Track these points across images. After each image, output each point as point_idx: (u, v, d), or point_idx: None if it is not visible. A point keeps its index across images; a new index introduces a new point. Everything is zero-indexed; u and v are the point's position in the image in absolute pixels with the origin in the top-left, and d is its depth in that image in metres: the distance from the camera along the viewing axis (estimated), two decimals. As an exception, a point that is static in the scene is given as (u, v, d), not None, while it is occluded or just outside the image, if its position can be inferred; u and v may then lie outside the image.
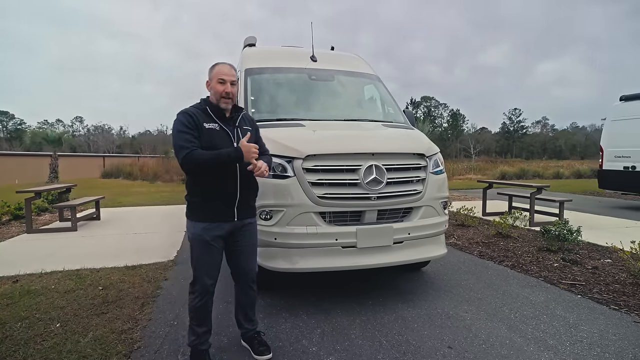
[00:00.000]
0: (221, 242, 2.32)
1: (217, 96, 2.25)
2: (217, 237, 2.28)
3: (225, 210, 2.28)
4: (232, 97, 2.28)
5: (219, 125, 2.27)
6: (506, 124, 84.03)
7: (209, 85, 2.31)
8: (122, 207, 9.74)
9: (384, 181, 3.06)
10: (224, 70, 2.28)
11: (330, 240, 3.04)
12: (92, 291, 3.62)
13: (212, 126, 2.24)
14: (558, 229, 4.79)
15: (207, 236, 2.25)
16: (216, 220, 2.27)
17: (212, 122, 2.26)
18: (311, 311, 3.18)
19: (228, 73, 2.27)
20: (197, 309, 2.32)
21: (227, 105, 2.28)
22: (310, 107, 4.14)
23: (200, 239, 2.26)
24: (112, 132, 75.39)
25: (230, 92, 2.25)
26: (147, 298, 3.48)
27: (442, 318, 3.02)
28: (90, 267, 4.35)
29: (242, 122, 2.41)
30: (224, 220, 2.29)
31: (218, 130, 2.26)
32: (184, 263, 4.60)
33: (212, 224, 2.26)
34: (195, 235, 2.28)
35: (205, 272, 2.29)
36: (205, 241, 2.25)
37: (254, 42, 5.06)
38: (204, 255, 2.28)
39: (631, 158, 8.78)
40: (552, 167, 23.80)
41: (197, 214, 2.29)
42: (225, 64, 2.33)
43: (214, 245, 2.28)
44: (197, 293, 2.30)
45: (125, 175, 22.31)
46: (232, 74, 2.29)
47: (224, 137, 2.27)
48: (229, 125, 2.31)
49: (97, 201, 7.72)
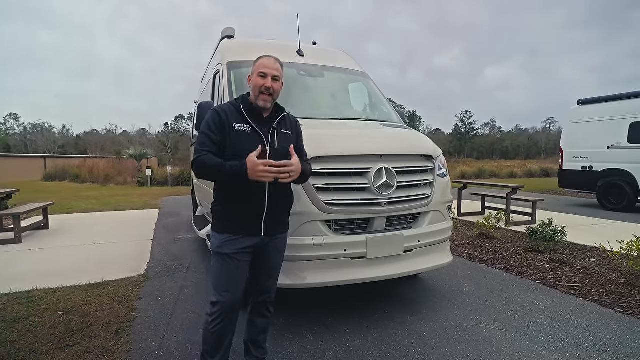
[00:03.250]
0: (246, 256, 2.01)
1: (255, 92, 1.99)
2: (241, 251, 1.97)
3: (250, 224, 1.98)
4: (274, 94, 2.01)
5: (251, 126, 1.96)
6: (458, 126, 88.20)
7: (250, 80, 2.04)
8: (73, 213, 8.78)
9: (394, 185, 2.82)
10: (267, 62, 2.01)
11: (338, 251, 2.75)
12: (51, 318, 3.05)
13: (243, 127, 1.95)
14: (544, 230, 4.83)
15: (227, 249, 1.96)
16: (240, 234, 1.97)
17: (243, 122, 1.96)
18: (316, 330, 2.86)
19: (271, 66, 2.00)
20: (212, 334, 1.97)
21: (266, 103, 1.98)
22: (303, 104, 3.81)
23: (220, 251, 1.98)
24: (54, 130, 69.58)
25: (271, 87, 1.97)
26: (121, 323, 2.98)
27: (458, 331, 2.83)
28: (44, 287, 3.71)
29: (281, 125, 2.08)
30: (249, 235, 1.99)
31: (249, 133, 1.95)
32: (158, 277, 4.08)
33: (235, 236, 1.97)
34: (215, 247, 2.00)
35: (224, 290, 1.96)
36: (225, 254, 1.96)
37: (233, 34, 4.64)
38: (223, 270, 1.98)
39: (589, 159, 9.31)
40: (506, 167, 25.12)
41: (219, 224, 2.02)
42: (270, 57, 2.05)
43: (236, 259, 1.96)
44: (215, 315, 1.96)
45: (73, 178, 20.49)
46: (276, 68, 2.02)
47: (254, 141, 1.92)
48: (264, 127, 1.99)
49: (46, 208, 6.83)
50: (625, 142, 8.56)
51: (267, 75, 1.98)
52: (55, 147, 59.21)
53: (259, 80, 1.97)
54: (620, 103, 8.79)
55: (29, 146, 59.90)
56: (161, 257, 4.88)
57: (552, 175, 22.76)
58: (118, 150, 25.31)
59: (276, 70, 2.01)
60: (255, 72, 2.01)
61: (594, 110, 9.28)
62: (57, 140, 63.90)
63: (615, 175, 8.82)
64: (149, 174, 17.47)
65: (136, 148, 23.04)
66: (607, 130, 8.88)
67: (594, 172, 9.19)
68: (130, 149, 22.44)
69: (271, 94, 1.98)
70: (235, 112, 1.99)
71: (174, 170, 17.95)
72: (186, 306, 3.32)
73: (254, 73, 2.02)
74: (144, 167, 19.25)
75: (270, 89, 1.97)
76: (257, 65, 2.03)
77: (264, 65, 2.01)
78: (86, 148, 47.97)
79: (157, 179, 18.03)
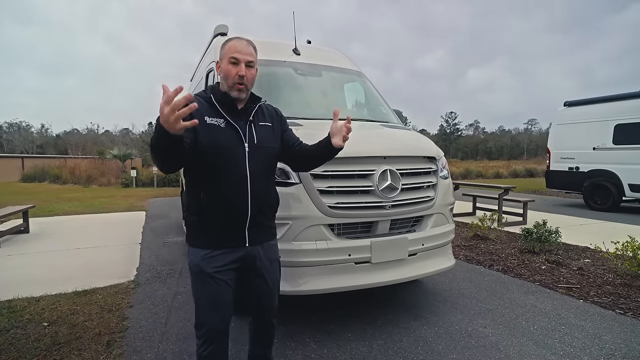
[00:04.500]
0: (230, 274, 1.74)
1: (228, 81, 1.70)
2: (223, 268, 1.71)
3: (231, 234, 1.72)
4: (249, 83, 1.72)
5: (226, 120, 1.70)
6: (443, 126, 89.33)
7: (219, 67, 1.75)
8: (55, 216, 8.44)
9: (399, 188, 2.75)
10: (238, 46, 1.70)
11: (343, 256, 2.66)
12: (35, 329, 2.86)
13: (215, 121, 1.67)
14: (539, 231, 4.85)
15: (208, 267, 1.69)
16: (220, 247, 1.71)
17: (216, 115, 1.69)
18: (319, 337, 2.77)
19: (244, 50, 1.70)
20: (205, 358, 1.76)
21: (240, 94, 1.71)
22: (301, 104, 3.71)
23: (199, 270, 1.70)
24: (32, 130, 67.36)
25: (245, 75, 1.69)
26: (113, 334, 2.82)
27: (464, 336, 2.77)
28: (27, 296, 3.51)
29: (258, 117, 1.82)
30: (231, 247, 1.73)
31: (223, 128, 1.68)
32: (149, 283, 3.92)
33: (215, 251, 1.70)
34: (194, 265, 1.72)
35: (210, 312, 1.73)
36: (205, 274, 1.69)
37: (226, 31, 4.50)
38: (205, 291, 1.72)
39: (575, 159, 9.47)
40: (491, 168, 25.50)
41: (195, 237, 1.75)
42: (241, 39, 1.74)
43: (219, 278, 1.70)
44: (203, 339, 1.75)
45: (53, 179, 19.80)
46: (250, 52, 1.72)
47: (230, 136, 1.68)
48: (239, 120, 1.73)
49: (26, 211, 6.52)
50: (611, 143, 8.74)
51: (240, 62, 1.68)
52: (33, 147, 57.35)
53: (230, 68, 1.68)
54: (606, 105, 8.97)
55: (5, 146, 57.86)
56: (151, 262, 4.70)
57: (536, 176, 23.23)
58: (101, 150, 24.60)
59: (249, 54, 1.71)
60: (225, 57, 1.70)
61: (580, 112, 9.45)
62: (35, 139, 61.89)
63: (600, 176, 8.99)
64: (133, 174, 17.04)
65: (120, 148, 22.44)
66: (593, 132, 9.05)
67: (581, 173, 9.36)
68: (114, 149, 21.84)
69: (245, 84, 1.70)
70: (205, 104, 1.69)
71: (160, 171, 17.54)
72: (181, 314, 3.18)
73: (224, 59, 1.71)
74: (129, 168, 18.77)
75: (244, 77, 1.68)
76: (227, 49, 1.71)
77: (235, 49, 1.69)
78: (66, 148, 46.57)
79: (142, 179, 17.60)
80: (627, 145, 8.45)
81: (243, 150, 1.70)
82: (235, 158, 1.69)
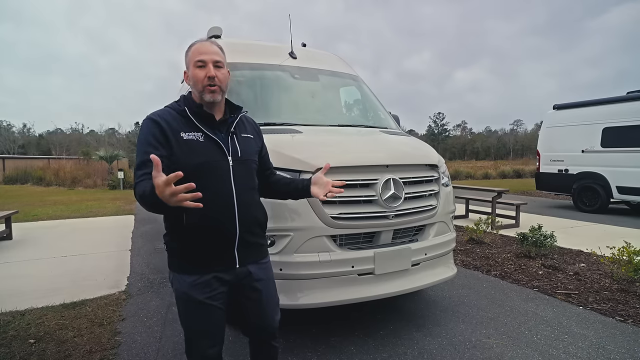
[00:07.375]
0: (221, 297, 1.60)
1: (198, 86, 1.55)
2: (214, 293, 1.57)
3: (219, 256, 1.58)
4: (221, 84, 1.57)
5: (204, 133, 1.56)
6: (432, 127, 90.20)
7: (187, 77, 1.62)
8: (39, 221, 8.17)
9: (402, 197, 2.68)
10: (202, 47, 1.57)
11: (346, 267, 2.59)
12: (21, 347, 2.72)
13: (193, 136, 1.53)
14: (535, 235, 4.86)
15: (197, 294, 1.55)
16: (209, 271, 1.56)
17: (193, 129, 1.55)
18: (321, 351, 2.69)
19: (208, 50, 1.56)
20: None
21: (215, 95, 1.55)
22: (299, 110, 3.62)
23: (187, 298, 1.56)
24: (13, 129, 65.61)
25: (216, 76, 1.54)
26: (105, 350, 2.69)
27: (469, 348, 2.73)
28: (11, 310, 3.34)
29: (240, 128, 1.68)
30: (219, 270, 1.58)
31: (202, 142, 1.54)
32: (141, 293, 3.78)
33: (203, 276, 1.56)
34: (181, 292, 1.58)
35: (201, 340, 1.62)
36: (195, 300, 1.55)
37: (220, 34, 4.38)
38: (196, 319, 1.59)
39: (564, 162, 9.60)
40: (480, 168, 25.77)
41: (180, 263, 1.59)
42: (204, 40, 1.61)
43: (209, 304, 1.57)
44: None
45: (36, 181, 19.29)
46: (215, 51, 1.57)
47: (212, 151, 1.55)
48: (219, 131, 1.60)
49: (9, 217, 6.28)
50: (599, 146, 8.88)
51: (207, 63, 1.55)
52: (15, 147, 55.84)
53: (198, 72, 1.54)
54: (594, 108, 9.11)
55: (-16, 146, 56.24)
56: (142, 270, 4.55)
57: (523, 176, 23.58)
58: (86, 151, 24.06)
59: (215, 54, 1.57)
60: (191, 63, 1.57)
61: (569, 115, 9.58)
62: (17, 139, 60.28)
63: (589, 178, 9.13)
64: (121, 176, 16.69)
65: (107, 149, 21.95)
66: (582, 135, 9.18)
67: (570, 175, 9.49)
68: (100, 150, 21.35)
69: (218, 85, 1.55)
70: (179, 117, 1.55)
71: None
72: (176, 327, 3.05)
73: (190, 65, 1.58)
74: (116, 170, 18.37)
75: (215, 78, 1.54)
76: (192, 54, 1.58)
77: (199, 51, 1.56)
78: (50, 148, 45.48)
79: (129, 181, 17.21)
80: (615, 148, 8.59)
81: (227, 164, 1.57)
82: (219, 174, 1.55)
